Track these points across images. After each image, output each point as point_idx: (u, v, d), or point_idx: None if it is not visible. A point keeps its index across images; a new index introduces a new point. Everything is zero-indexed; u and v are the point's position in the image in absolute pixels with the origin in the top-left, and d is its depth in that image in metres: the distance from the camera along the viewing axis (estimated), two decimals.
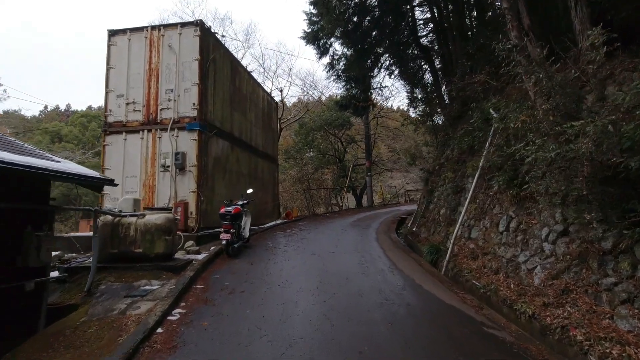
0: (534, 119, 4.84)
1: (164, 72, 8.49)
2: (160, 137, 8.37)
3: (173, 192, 8.14)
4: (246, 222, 8.41)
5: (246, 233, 8.32)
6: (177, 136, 8.31)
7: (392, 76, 14.28)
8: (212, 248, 7.57)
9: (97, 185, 5.56)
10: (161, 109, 8.44)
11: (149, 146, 8.39)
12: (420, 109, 14.83)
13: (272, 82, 31.59)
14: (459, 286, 5.97)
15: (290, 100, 21.64)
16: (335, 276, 6.05)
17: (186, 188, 8.15)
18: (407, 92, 15.80)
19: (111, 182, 5.28)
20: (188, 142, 8.24)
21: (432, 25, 12.93)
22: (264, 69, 34.98)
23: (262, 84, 13.76)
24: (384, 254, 7.92)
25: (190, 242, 7.17)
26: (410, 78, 13.86)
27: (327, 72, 13.73)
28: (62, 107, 49.17)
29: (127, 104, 8.56)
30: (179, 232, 7.71)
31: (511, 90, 6.82)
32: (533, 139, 4.55)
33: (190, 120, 8.26)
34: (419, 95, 14.54)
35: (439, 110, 13.44)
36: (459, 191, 8.16)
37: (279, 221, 14.01)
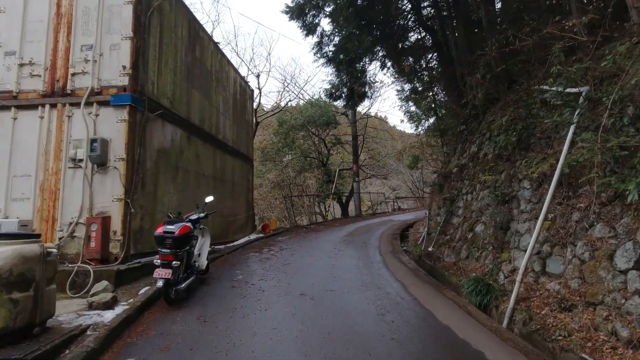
0: None
1: (80, 20, 5.66)
2: (70, 116, 5.50)
3: (87, 201, 5.27)
4: (203, 246, 5.68)
5: (202, 262, 5.59)
6: (96, 114, 5.47)
7: (386, 65, 11.93)
8: (143, 290, 4.76)
9: None
10: (73, 74, 5.58)
11: (53, 129, 5.50)
12: (422, 104, 12.69)
13: (248, 67, 27.88)
14: (545, 354, 3.60)
15: (269, 100, 18.78)
16: (347, 346, 3.46)
17: (108, 194, 5.31)
18: (401, 82, 13.63)
19: None
20: (113, 124, 5.42)
21: None
22: (237, 53, 31.60)
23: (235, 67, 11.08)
24: (405, 292, 5.43)
25: (103, 285, 4.34)
26: (408, 70, 11.56)
27: (314, 54, 11.30)
28: None
29: (21, 65, 5.63)
30: (91, 265, 4.85)
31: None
32: None
33: (118, 91, 5.46)
34: (419, 86, 12.37)
35: (443, 100, 11.29)
36: (506, 201, 5.83)
37: (253, 236, 11.24)
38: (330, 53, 10.85)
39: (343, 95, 11.44)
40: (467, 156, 8.44)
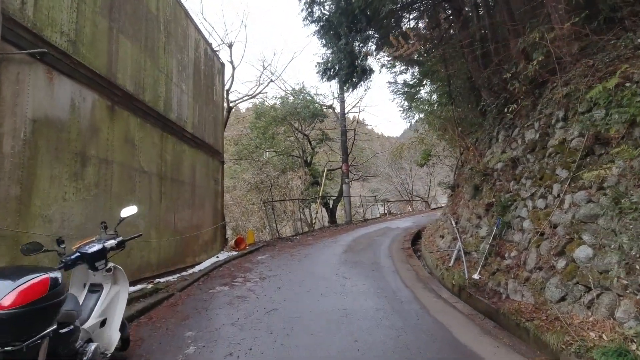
0: None
1: None
2: None
3: None
4: (112, 306, 2.92)
5: (112, 337, 2.83)
6: None
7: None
8: None
9: None
10: None
11: None
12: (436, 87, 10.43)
13: (221, 39, 22.69)
14: None
15: (244, 88, 15.56)
16: None
17: None
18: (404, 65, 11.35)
19: None
20: None
21: None
22: (203, 16, 26.16)
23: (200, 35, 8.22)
24: None
25: None
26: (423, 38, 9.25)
27: (304, 18, 8.70)
28: None
29: None
30: None
31: None
32: None
33: None
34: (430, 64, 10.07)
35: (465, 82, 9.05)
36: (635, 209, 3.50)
37: (223, 255, 8.45)
38: (326, 15, 8.31)
39: (340, 72, 8.90)
40: (519, 146, 6.15)
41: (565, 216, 4.42)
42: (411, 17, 9.64)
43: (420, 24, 8.78)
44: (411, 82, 11.22)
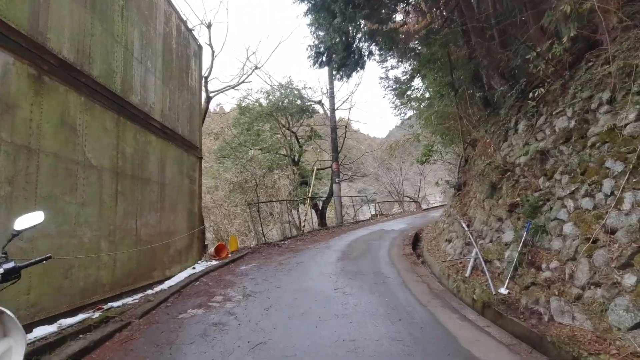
0: None
1: None
2: None
3: None
4: None
5: None
6: None
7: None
8: None
9: None
10: None
11: None
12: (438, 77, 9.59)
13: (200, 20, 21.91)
14: None
15: (222, 84, 14.10)
16: None
17: None
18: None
19: None
20: None
21: None
22: None
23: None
24: None
25: None
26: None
27: None
28: None
29: None
30: None
31: None
32: None
33: None
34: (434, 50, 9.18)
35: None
36: None
37: (201, 266, 7.28)
38: None
39: (334, 57, 7.88)
40: (547, 137, 5.28)
41: (627, 219, 3.54)
42: None
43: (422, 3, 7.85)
44: (409, 72, 10.30)
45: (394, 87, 13.92)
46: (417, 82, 11.81)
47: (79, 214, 3.84)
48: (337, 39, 7.24)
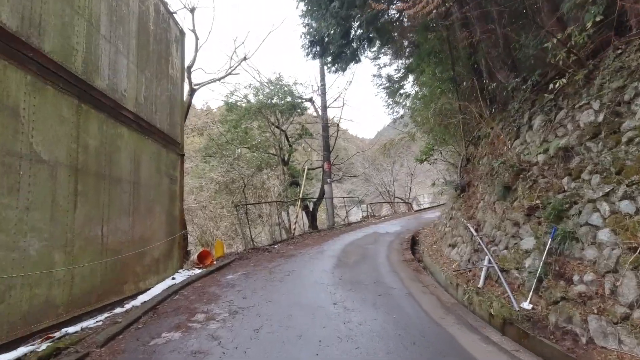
0: None
1: None
2: None
3: None
4: None
5: None
6: None
7: None
8: None
9: None
10: None
11: None
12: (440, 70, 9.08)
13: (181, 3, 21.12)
14: None
15: (207, 76, 12.93)
16: None
17: None
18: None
19: None
20: None
21: None
22: None
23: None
24: None
25: None
26: None
27: None
28: None
29: None
30: None
31: None
32: None
33: None
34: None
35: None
36: None
37: (181, 276, 6.51)
38: None
39: (330, 47, 7.25)
40: (570, 133, 4.77)
41: None
42: None
43: None
44: (401, 70, 9.74)
45: (386, 85, 13.40)
46: (412, 79, 11.27)
47: (22, 220, 3.07)
48: (334, 27, 6.60)
